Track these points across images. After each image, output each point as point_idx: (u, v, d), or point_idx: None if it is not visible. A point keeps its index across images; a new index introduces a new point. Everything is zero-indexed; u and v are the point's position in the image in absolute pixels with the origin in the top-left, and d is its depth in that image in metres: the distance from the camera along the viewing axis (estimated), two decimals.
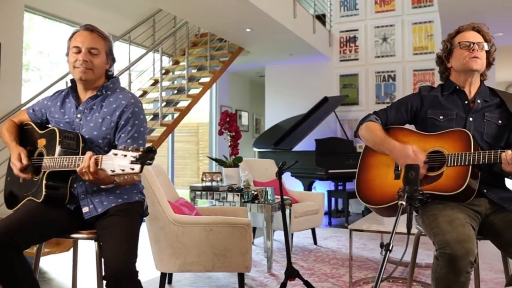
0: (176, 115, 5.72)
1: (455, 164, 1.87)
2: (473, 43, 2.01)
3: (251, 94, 9.63)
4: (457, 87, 2.09)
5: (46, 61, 6.16)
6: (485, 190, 1.93)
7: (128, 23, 6.14)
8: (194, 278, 3.50)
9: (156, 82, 6.35)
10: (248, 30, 5.73)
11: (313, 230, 4.89)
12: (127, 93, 2.01)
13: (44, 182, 1.85)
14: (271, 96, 8.07)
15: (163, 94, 5.83)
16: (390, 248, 1.40)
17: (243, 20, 5.36)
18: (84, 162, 1.69)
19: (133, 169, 1.52)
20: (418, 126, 2.16)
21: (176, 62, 6.96)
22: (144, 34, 6.34)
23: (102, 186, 1.87)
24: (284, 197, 4.42)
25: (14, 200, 2.01)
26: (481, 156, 1.82)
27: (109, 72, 2.05)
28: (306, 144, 6.61)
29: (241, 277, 3.02)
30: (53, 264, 3.90)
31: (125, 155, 1.53)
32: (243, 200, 3.82)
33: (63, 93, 2.08)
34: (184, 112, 5.66)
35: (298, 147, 6.43)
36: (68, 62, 1.98)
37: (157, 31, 6.48)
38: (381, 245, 1.42)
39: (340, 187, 6.75)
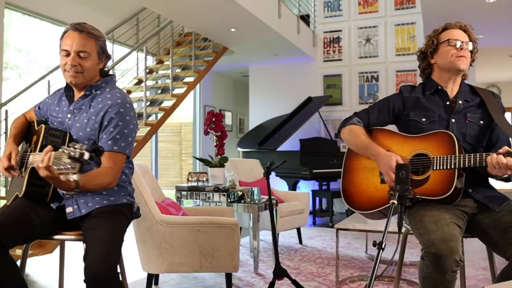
0: (160, 115, 5.68)
1: (441, 168, 1.87)
2: (462, 42, 2.00)
3: (234, 94, 9.62)
4: (439, 87, 2.08)
5: (26, 59, 6.04)
6: (470, 190, 1.95)
7: (111, 21, 6.08)
8: (180, 279, 3.48)
9: (140, 81, 6.29)
10: (233, 30, 5.72)
11: (298, 230, 4.91)
12: (116, 93, 1.95)
13: (26, 178, 1.82)
14: (255, 96, 8.08)
15: (147, 93, 5.78)
16: (383, 246, 1.41)
17: (228, 20, 5.35)
18: (41, 155, 1.61)
19: (74, 167, 1.47)
20: (401, 127, 2.15)
21: (160, 62, 6.90)
22: (128, 33, 6.27)
23: (63, 192, 1.82)
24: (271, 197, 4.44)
25: (9, 194, 1.99)
26: (467, 159, 1.82)
27: (105, 69, 2.00)
28: (291, 144, 6.64)
29: (228, 277, 3.01)
30: (36, 266, 3.83)
31: (68, 153, 1.48)
32: (229, 200, 3.81)
33: (62, 91, 2.04)
34: (169, 111, 5.62)
35: (282, 147, 6.45)
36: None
37: (141, 30, 6.42)
38: (374, 244, 1.44)
39: (324, 187, 6.80)
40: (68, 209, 1.88)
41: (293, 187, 6.28)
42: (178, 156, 9.32)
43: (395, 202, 1.51)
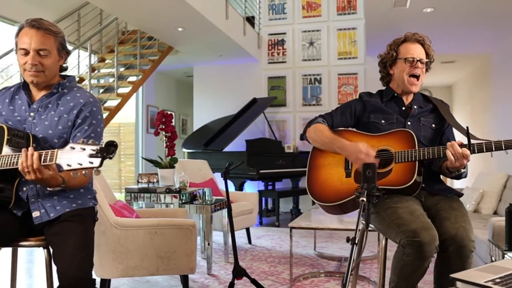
0: (104, 115, 5.49)
1: (403, 161, 2.02)
2: (417, 60, 2.15)
3: (177, 94, 9.50)
4: (395, 94, 2.25)
5: None
6: (423, 185, 2.11)
7: (51, 16, 5.77)
8: (132, 283, 3.39)
9: (81, 80, 6.03)
10: (180, 29, 5.65)
11: (247, 230, 4.95)
12: (85, 92, 1.93)
13: None
14: (200, 97, 8.03)
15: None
16: (356, 241, 1.47)
17: (176, 19, 5.27)
18: (23, 158, 1.56)
19: (92, 162, 1.43)
20: (361, 129, 2.28)
21: (102, 60, 6.66)
22: (68, 29, 5.99)
23: (49, 189, 1.75)
24: (221, 197, 4.44)
25: None
26: (426, 152, 1.98)
27: (63, 65, 1.93)
28: (236, 144, 6.67)
29: (185, 279, 2.99)
30: None
31: (84, 149, 1.45)
32: (181, 202, 3.77)
33: (12, 89, 1.95)
34: (114, 111, 5.45)
35: (228, 148, 6.47)
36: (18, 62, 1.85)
37: (82, 26, 6.15)
38: (348, 240, 1.50)
39: (269, 187, 6.89)
40: (35, 214, 1.78)
41: (239, 187, 6.31)
42: (117, 158, 9.04)
43: (365, 199, 1.58)
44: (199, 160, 5.53)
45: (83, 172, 1.46)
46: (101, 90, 6.02)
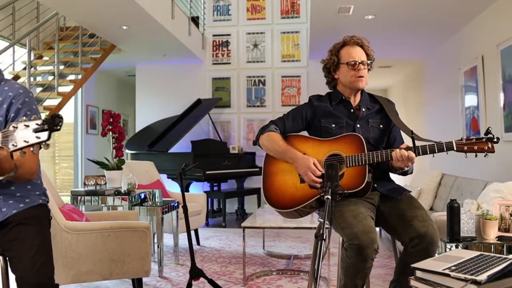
0: (43, 115, 5.22)
1: (354, 165, 2.10)
2: (359, 63, 2.22)
3: (118, 94, 9.23)
4: (343, 97, 2.31)
5: None
6: (376, 185, 2.20)
7: None
8: None
9: (17, 77, 5.70)
10: (124, 27, 5.50)
11: (195, 231, 4.93)
12: (14, 84, 1.79)
13: None
14: (142, 97, 7.86)
15: None
16: (324, 237, 1.54)
17: (121, 16, 5.13)
18: None
19: (39, 137, 1.30)
20: (312, 133, 2.34)
21: (39, 57, 6.33)
22: (2, 22, 5.64)
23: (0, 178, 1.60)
24: (170, 199, 4.40)
25: None
26: (375, 155, 2.08)
27: None
28: (180, 145, 6.62)
29: (139, 282, 2.93)
30: None
31: (27, 126, 1.31)
32: (131, 204, 3.69)
33: None
34: (55, 111, 5.20)
35: (173, 149, 6.40)
36: None
37: (18, 20, 5.81)
38: (316, 236, 1.56)
39: (215, 188, 6.90)
40: None
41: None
42: (51, 160, 8.64)
43: (329, 197, 1.65)
44: (145, 161, 5.43)
45: (31, 149, 1.33)
46: (39, 89, 5.71)
